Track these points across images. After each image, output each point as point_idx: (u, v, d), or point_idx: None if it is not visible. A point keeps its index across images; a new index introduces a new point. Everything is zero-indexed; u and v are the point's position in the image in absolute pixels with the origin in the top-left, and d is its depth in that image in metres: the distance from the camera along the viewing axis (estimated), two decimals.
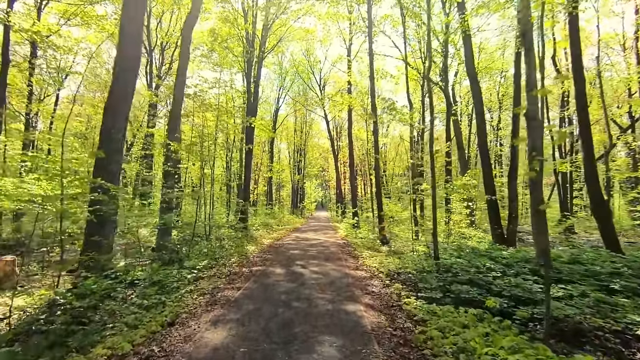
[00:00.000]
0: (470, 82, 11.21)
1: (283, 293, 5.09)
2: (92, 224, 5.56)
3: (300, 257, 8.35)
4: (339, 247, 10.37)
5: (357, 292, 5.24)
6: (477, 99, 11.01)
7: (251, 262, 7.88)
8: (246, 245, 10.46)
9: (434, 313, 4.12)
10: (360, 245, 11.03)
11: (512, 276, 5.56)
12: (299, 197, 32.55)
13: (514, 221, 10.51)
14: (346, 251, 9.68)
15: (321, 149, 39.12)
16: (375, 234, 13.70)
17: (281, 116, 27.99)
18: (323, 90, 23.09)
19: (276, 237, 13.09)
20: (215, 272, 6.61)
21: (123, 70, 5.92)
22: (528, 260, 6.56)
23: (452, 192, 10.35)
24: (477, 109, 10.97)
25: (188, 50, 9.28)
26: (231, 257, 8.10)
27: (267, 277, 6.15)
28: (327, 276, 6.25)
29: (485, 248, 9.00)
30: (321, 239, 12.76)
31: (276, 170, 26.89)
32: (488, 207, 10.93)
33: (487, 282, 5.15)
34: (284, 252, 9.22)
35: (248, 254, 8.82)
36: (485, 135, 10.93)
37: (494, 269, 5.89)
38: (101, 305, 3.98)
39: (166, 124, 17.04)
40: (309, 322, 3.89)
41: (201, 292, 5.18)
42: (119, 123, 5.92)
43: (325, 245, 10.75)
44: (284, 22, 17.90)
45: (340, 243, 11.57)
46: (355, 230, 14.76)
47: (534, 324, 4.12)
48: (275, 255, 8.72)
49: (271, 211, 23.77)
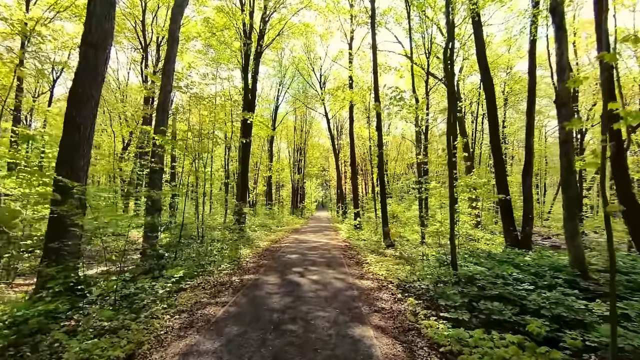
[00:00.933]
0: (482, 74, 10.31)
1: (276, 311, 4.18)
2: (52, 227, 4.67)
3: (299, 263, 7.44)
4: (340, 251, 9.47)
5: (364, 308, 4.33)
6: (489, 92, 10.10)
7: (243, 268, 6.97)
8: (241, 248, 9.56)
9: (464, 342, 3.21)
10: (363, 248, 10.13)
11: (546, 288, 4.65)
12: (299, 197, 31.64)
13: (530, 222, 9.58)
14: (349, 255, 8.77)
15: (321, 148, 38.21)
16: (379, 235, 12.79)
17: (281, 114, 27.11)
18: (323, 88, 22.19)
19: (274, 239, 12.18)
20: (200, 281, 5.71)
21: (91, 46, 5.02)
22: (558, 268, 5.65)
23: (463, 192, 9.42)
24: (489, 103, 10.05)
25: (177, 33, 8.37)
26: (222, 263, 7.20)
27: (259, 289, 5.25)
28: (329, 287, 5.35)
29: (502, 252, 8.09)
30: (322, 241, 11.86)
31: (276, 169, 25.99)
32: (501, 207, 10.02)
33: (519, 297, 4.24)
34: (281, 257, 8.31)
35: (241, 259, 7.91)
36: (498, 130, 10.02)
37: (522, 279, 4.98)
38: (40, 336, 3.08)
39: None
40: (306, 355, 2.98)
41: (178, 309, 4.28)
42: (87, 109, 5.01)
43: (326, 249, 9.84)
44: (283, 17, 17.03)
45: (342, 246, 10.66)
46: (358, 231, 13.86)
47: (589, 356, 3.23)
48: (271, 261, 7.81)
49: (270, 211, 22.88)
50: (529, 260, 6.57)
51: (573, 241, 5.09)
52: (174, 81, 9.34)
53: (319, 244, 10.85)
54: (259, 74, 24.44)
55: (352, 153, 18.44)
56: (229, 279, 5.94)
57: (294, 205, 30.25)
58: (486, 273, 5.15)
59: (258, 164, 28.89)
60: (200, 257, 7.51)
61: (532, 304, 4.06)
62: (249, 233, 13.58)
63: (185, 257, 7.70)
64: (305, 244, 10.99)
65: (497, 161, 9.91)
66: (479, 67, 10.38)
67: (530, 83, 9.86)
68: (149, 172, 8.76)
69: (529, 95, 9.85)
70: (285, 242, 11.46)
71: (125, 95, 23.46)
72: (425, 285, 5.05)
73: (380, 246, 10.48)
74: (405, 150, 30.80)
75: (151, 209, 7.87)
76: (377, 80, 11.53)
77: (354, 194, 18.41)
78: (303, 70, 23.67)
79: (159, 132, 7.61)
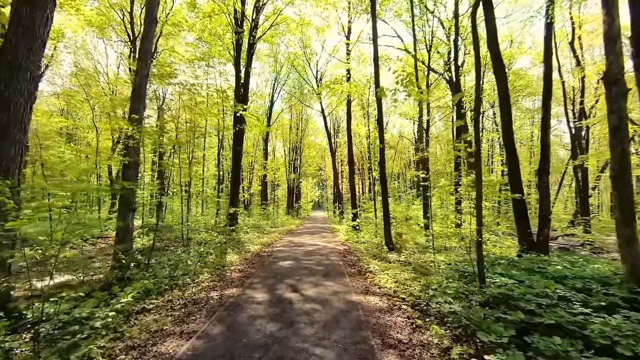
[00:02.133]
0: (493, 62, 9.24)
1: (258, 348, 3.05)
2: None
3: (292, 272, 6.31)
4: (339, 256, 8.36)
5: (374, 341, 3.23)
6: (501, 82, 9.04)
7: (227, 280, 5.83)
8: (228, 253, 8.41)
9: None
10: (364, 252, 9.05)
11: (602, 310, 3.58)
12: (294, 197, 30.46)
13: (547, 224, 8.56)
14: (349, 262, 7.67)
15: (318, 147, 37.07)
16: (379, 237, 11.72)
17: (276, 112, 25.95)
18: (320, 83, 21.08)
19: (266, 242, 11.04)
20: (170, 298, 4.56)
21: (26, 3, 3.85)
22: (605, 281, 4.59)
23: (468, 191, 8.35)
24: (501, 94, 9.00)
25: (155, 12, 7.19)
26: (202, 273, 6.05)
27: (241, 310, 4.11)
28: (328, 307, 4.23)
29: (523, 258, 7.04)
30: (318, 244, 10.74)
31: (271, 168, 24.81)
32: (514, 208, 8.99)
33: (578, 325, 3.17)
34: (272, 264, 7.17)
35: (226, 267, 6.77)
36: (511, 123, 9.00)
37: (569, 298, 3.91)
38: None
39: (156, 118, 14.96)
40: None
41: (127, 344, 3.13)
42: (20, 83, 3.85)
43: (323, 253, 8.73)
44: (277, 8, 15.92)
45: (340, 250, 9.56)
46: (356, 233, 12.77)
47: None
48: (260, 269, 6.68)
49: (265, 211, 21.70)
50: (561, 269, 5.52)
51: (630, 249, 4.04)
52: (152, 67, 8.17)
53: (315, 248, 9.74)
54: (254, 69, 23.25)
55: (349, 150, 17.34)
56: (206, 295, 4.79)
57: (290, 205, 29.08)
58: (520, 288, 4.07)
59: (253, 163, 27.70)
60: (178, 265, 6.35)
61: (597, 336, 2.99)
62: (240, 235, 12.43)
63: (164, 264, 6.54)
64: (300, 247, 9.87)
65: (510, 158, 8.86)
66: (490, 54, 9.35)
67: (546, 71, 8.88)
68: (123, 168, 7.60)
69: (545, 85, 8.86)
70: (278, 246, 10.33)
71: (115, 93, 22.15)
72: (448, 306, 3.95)
73: (383, 250, 9.41)
74: (403, 149, 29.86)
75: (123, 210, 6.70)
76: (377, 66, 10.42)
77: (352, 194, 17.32)
78: (299, 66, 22.56)
79: (134, 122, 6.45)
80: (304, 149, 30.86)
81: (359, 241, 11.42)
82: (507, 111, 8.91)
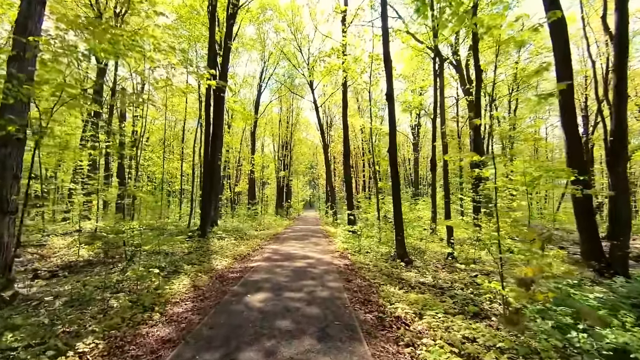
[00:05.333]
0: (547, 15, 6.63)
1: None
2: None
3: (263, 326, 3.45)
4: (341, 280, 5.53)
5: None
6: (559, 40, 6.43)
7: (139, 345, 2.93)
8: (183, 273, 5.51)
9: None
10: (373, 270, 6.25)
11: None
12: (284, 196, 27.49)
13: (626, 231, 5.95)
14: (357, 291, 4.84)
15: (310, 143, 34.16)
16: (385, 245, 8.96)
17: (264, 104, 22.97)
18: (312, 71, 18.22)
19: (242, 254, 8.12)
20: None
21: None
22: None
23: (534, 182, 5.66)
24: (560, 55, 6.38)
25: None
26: (91, 333, 3.13)
27: None
28: None
29: (617, 288, 4.33)
30: (311, 256, 7.86)
31: (258, 164, 21.82)
32: (575, 206, 6.35)
33: None
34: (234, 302, 4.28)
35: (155, 311, 3.86)
36: (573, 94, 6.40)
37: None
38: None
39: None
40: None
41: None
42: None
43: (317, 274, 5.89)
44: None
45: (340, 266, 6.73)
46: (355, 238, 9.99)
47: None
48: (209, 315, 3.79)
49: (251, 211, 18.72)
50: None
51: None
52: None
53: (306, 264, 6.86)
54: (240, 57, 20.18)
55: (345, 142, 14.56)
56: None
57: (279, 205, 26.11)
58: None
59: (240, 159, 24.67)
60: (74, 304, 3.42)
61: None
62: (213, 242, 9.49)
63: (61, 296, 3.61)
64: (285, 263, 6.99)
65: (571, 141, 6.22)
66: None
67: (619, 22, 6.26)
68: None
69: (620, 45, 6.25)
70: (256, 259, 7.43)
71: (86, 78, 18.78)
72: None
73: (397, 265, 6.64)
74: (400, 146, 27.27)
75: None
76: (386, 33, 7.68)
77: (348, 192, 14.55)
78: (289, 53, 19.69)
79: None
80: (294, 145, 27.94)
81: (360, 250, 8.63)
82: (568, 68, 6.27)
